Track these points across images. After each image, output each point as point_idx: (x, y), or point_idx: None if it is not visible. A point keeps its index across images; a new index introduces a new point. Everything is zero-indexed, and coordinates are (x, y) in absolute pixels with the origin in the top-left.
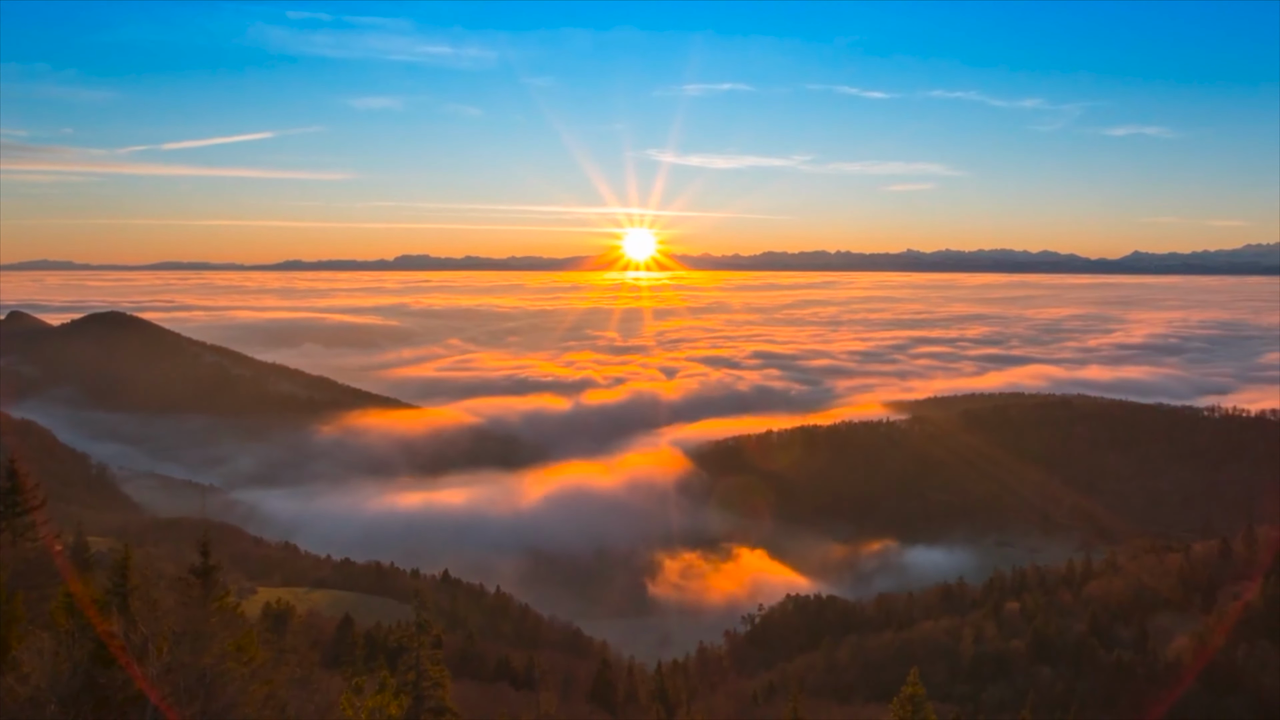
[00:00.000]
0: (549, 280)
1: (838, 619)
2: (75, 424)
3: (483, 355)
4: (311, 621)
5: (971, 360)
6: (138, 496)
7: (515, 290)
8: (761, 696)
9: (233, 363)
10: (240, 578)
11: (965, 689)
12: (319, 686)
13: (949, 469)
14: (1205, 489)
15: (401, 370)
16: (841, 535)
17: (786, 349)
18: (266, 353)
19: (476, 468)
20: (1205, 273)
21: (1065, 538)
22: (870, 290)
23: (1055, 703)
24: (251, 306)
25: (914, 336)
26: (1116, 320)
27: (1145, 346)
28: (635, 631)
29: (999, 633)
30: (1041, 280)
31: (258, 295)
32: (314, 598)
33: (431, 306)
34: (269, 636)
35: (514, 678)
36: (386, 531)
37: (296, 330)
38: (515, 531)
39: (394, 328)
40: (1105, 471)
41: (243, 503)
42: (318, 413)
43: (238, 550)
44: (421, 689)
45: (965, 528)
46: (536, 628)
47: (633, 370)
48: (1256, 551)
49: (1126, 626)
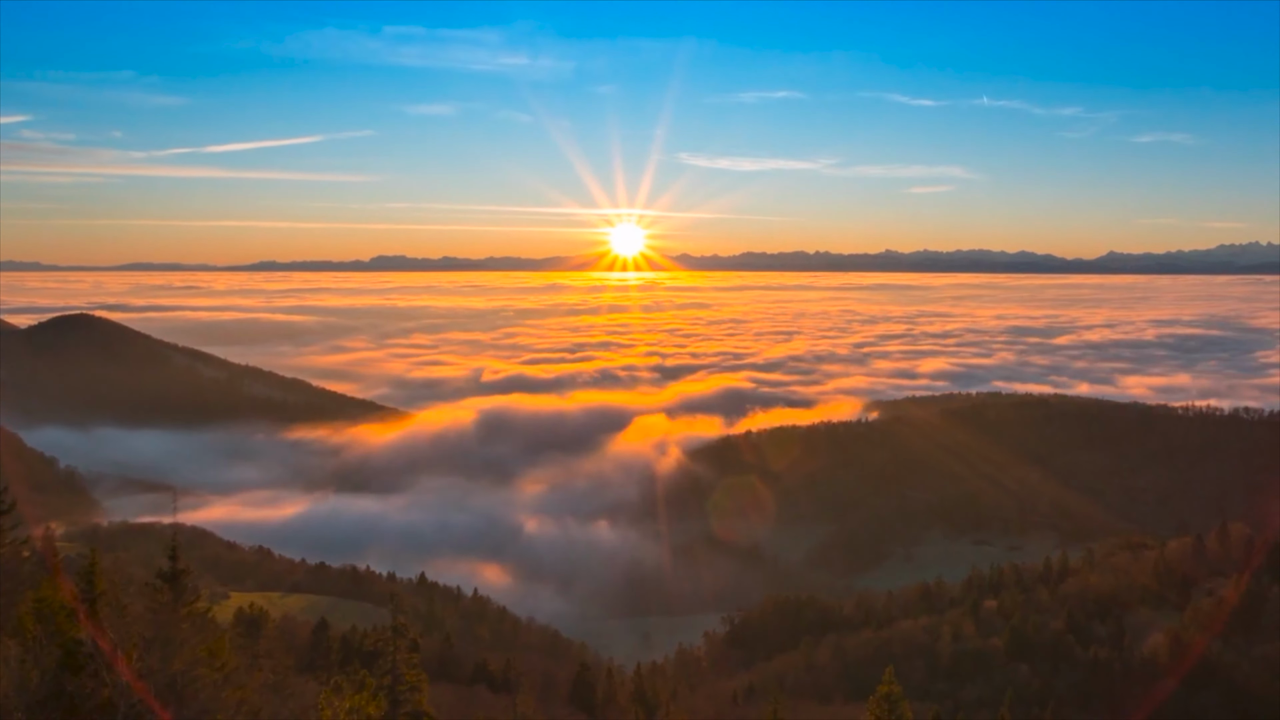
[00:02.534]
0: (524, 280)
1: (817, 618)
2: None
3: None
4: (285, 626)
5: (947, 358)
6: (107, 500)
7: (490, 292)
8: (741, 697)
9: (205, 365)
10: (212, 582)
11: (944, 687)
12: (293, 692)
13: (927, 468)
14: (1180, 487)
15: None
16: (820, 534)
17: (762, 347)
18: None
19: (446, 472)
20: (1187, 272)
21: (1043, 536)
22: (843, 290)
23: (1033, 700)
24: (186, 306)
25: (889, 334)
26: (1082, 321)
27: (1106, 344)
28: (614, 633)
29: (977, 631)
30: (1015, 280)
31: (201, 296)
32: (288, 602)
33: (354, 306)
34: (242, 642)
35: (492, 681)
36: (361, 534)
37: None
38: (491, 534)
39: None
40: (1082, 470)
41: (215, 506)
42: (292, 416)
43: (210, 555)
44: (398, 693)
45: (943, 526)
46: (515, 630)
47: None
48: (1230, 548)
49: (1103, 623)
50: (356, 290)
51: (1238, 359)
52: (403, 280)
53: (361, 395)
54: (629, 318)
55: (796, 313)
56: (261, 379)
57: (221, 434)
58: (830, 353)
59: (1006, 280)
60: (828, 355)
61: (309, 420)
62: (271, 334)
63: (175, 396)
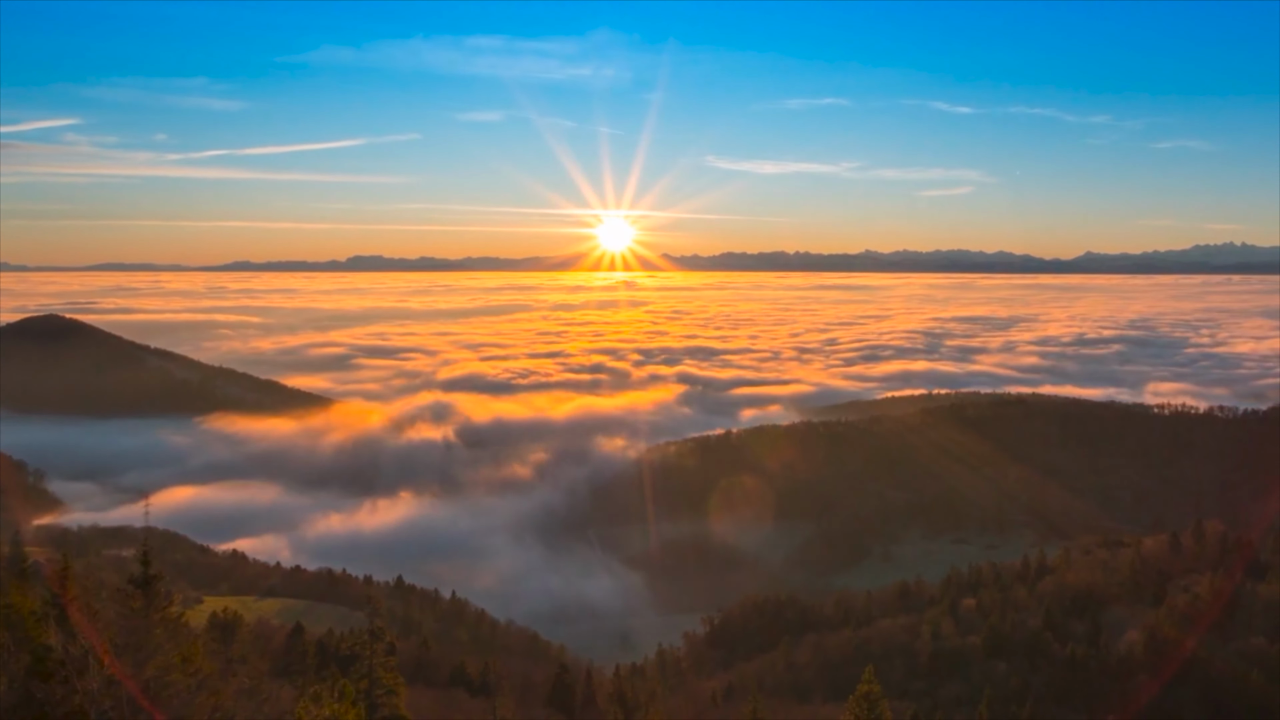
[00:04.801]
0: (504, 280)
1: (796, 618)
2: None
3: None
4: (260, 630)
5: (925, 358)
6: (78, 504)
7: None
8: (720, 697)
9: (178, 366)
10: (185, 587)
11: (922, 686)
12: (268, 696)
13: (906, 467)
14: (1155, 485)
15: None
16: (799, 534)
17: (737, 345)
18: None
19: (423, 475)
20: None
21: (1020, 534)
22: (815, 290)
23: (1011, 698)
24: (142, 309)
25: (868, 333)
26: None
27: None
28: (593, 635)
29: (956, 629)
30: (990, 280)
31: (151, 297)
32: (263, 606)
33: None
34: (216, 647)
35: (469, 684)
36: (338, 538)
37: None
38: (468, 535)
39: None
40: (1059, 468)
41: (189, 509)
42: (264, 418)
43: (183, 559)
44: (374, 697)
45: (922, 525)
46: (493, 633)
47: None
48: (1206, 545)
49: (1080, 621)
50: (334, 290)
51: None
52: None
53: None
54: (603, 315)
55: (774, 311)
56: (236, 380)
57: (193, 434)
58: (808, 352)
59: (980, 280)
60: (804, 356)
61: (285, 421)
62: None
63: (146, 396)
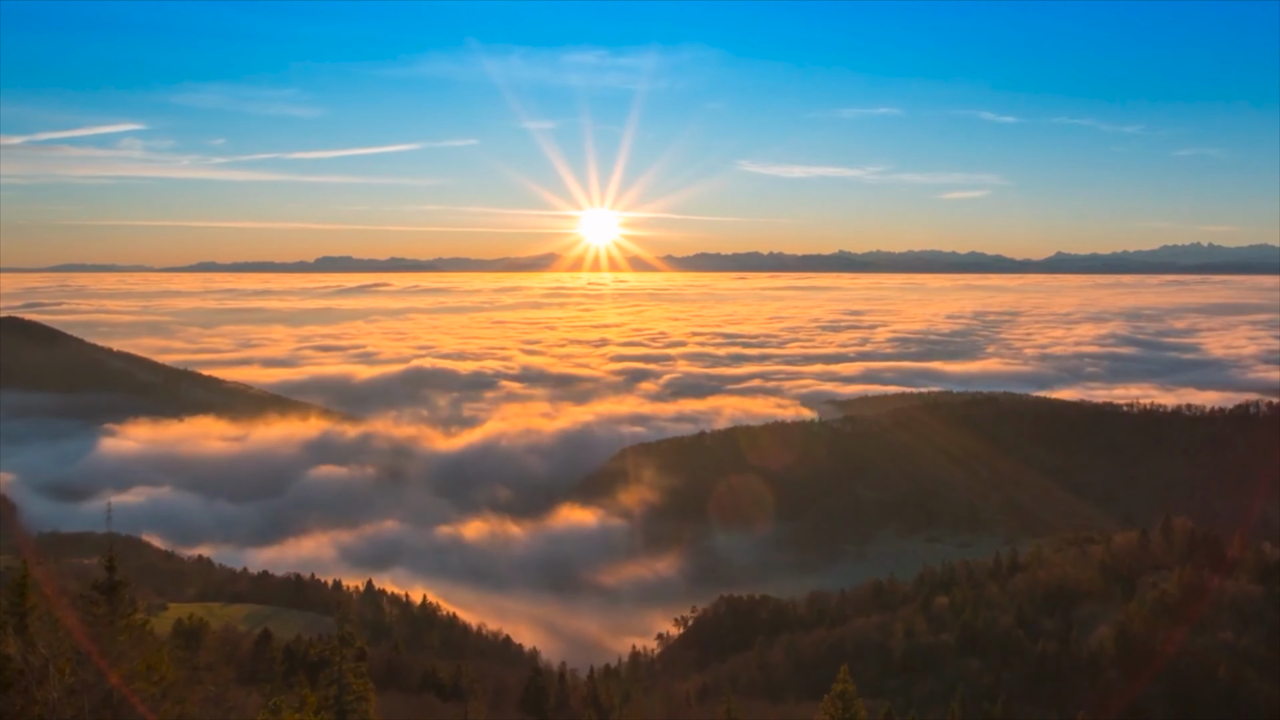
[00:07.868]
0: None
1: (770, 618)
2: None
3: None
4: (227, 637)
5: (893, 359)
6: (38, 510)
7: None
8: (694, 698)
9: (140, 368)
10: (150, 593)
11: (896, 684)
12: (235, 704)
13: (879, 466)
14: (1125, 482)
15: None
16: (773, 534)
17: (712, 345)
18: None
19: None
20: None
21: (993, 532)
22: (785, 291)
23: (983, 694)
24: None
25: (841, 331)
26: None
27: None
28: (566, 638)
29: (929, 627)
30: (961, 280)
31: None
32: (230, 612)
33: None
34: (181, 654)
35: (441, 688)
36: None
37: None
38: (442, 539)
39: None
40: (1030, 467)
41: (153, 514)
42: (233, 421)
43: (147, 564)
44: (344, 703)
45: (896, 524)
46: (465, 637)
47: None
48: (1174, 542)
49: (1051, 618)
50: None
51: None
52: (311, 281)
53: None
54: (579, 316)
55: (748, 310)
56: (202, 384)
57: (157, 439)
58: (784, 352)
59: (950, 280)
60: (778, 355)
61: (253, 425)
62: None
63: (108, 398)
